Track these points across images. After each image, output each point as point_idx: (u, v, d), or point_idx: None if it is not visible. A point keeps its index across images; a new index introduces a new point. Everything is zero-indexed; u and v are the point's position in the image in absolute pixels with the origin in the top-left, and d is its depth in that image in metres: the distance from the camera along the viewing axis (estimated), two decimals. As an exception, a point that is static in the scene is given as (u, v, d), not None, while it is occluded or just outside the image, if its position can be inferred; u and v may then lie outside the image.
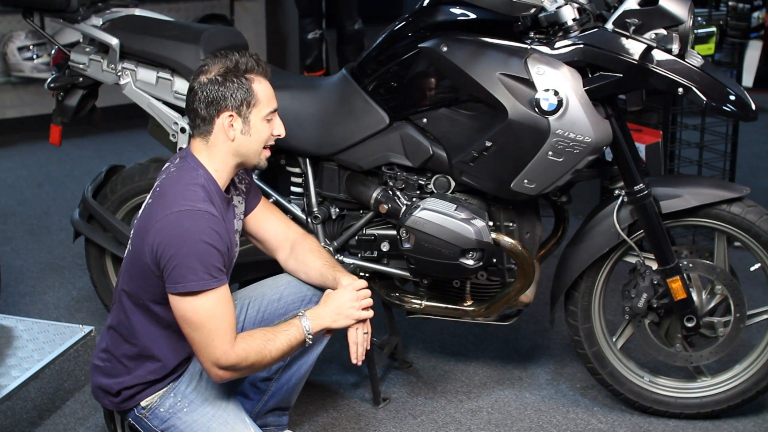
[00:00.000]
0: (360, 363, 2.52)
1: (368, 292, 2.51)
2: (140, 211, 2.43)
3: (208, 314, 2.29)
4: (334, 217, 3.04)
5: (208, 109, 2.37)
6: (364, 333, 2.51)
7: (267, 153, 2.48)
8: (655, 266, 2.85)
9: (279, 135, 2.48)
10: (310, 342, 2.45)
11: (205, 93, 2.37)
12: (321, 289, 2.60)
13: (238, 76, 2.37)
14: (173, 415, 2.46)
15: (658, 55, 2.63)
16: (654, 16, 2.64)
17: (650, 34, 2.64)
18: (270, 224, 2.67)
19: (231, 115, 2.37)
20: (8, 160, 5.54)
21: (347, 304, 2.47)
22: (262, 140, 2.43)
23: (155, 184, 2.43)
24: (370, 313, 2.51)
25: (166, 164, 2.48)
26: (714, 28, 4.02)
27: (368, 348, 2.53)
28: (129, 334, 2.44)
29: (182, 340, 2.43)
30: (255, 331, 2.42)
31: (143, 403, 2.47)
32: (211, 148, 2.41)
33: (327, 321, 2.47)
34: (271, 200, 3.05)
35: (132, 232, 2.44)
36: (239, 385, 2.73)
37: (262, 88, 2.41)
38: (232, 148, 2.40)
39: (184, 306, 2.29)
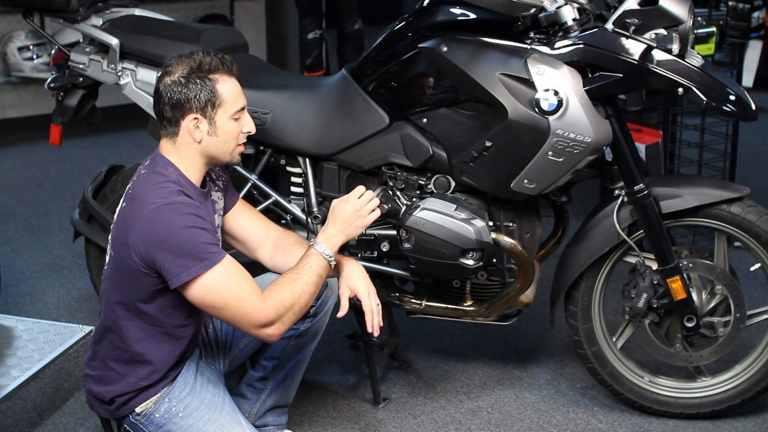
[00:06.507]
0: (377, 333, 2.53)
1: (369, 194, 2.56)
2: (115, 216, 2.40)
3: (225, 288, 2.29)
4: (334, 217, 3.04)
5: (174, 112, 2.34)
6: (377, 304, 2.51)
7: (240, 149, 2.45)
8: (655, 266, 2.85)
9: (249, 132, 2.44)
10: (334, 263, 2.48)
11: (169, 95, 2.34)
12: None
13: (202, 76, 2.33)
14: (169, 420, 2.44)
15: (658, 55, 2.63)
16: (654, 16, 2.64)
17: (650, 34, 2.64)
18: (250, 222, 2.65)
19: (196, 118, 2.34)
20: (8, 160, 5.54)
21: (352, 213, 2.51)
22: (231, 139, 2.40)
23: (127, 187, 2.40)
24: (378, 213, 2.57)
25: (138, 168, 2.45)
26: (714, 28, 4.02)
27: (381, 322, 2.53)
28: (119, 341, 2.41)
29: (173, 344, 2.42)
30: (277, 278, 2.42)
31: (138, 410, 2.45)
32: (179, 148, 2.38)
33: (340, 237, 2.50)
34: (271, 200, 3.05)
35: (110, 237, 2.41)
36: (235, 387, 2.73)
37: (227, 87, 2.36)
38: (200, 149, 2.38)
39: (198, 292, 2.29)
